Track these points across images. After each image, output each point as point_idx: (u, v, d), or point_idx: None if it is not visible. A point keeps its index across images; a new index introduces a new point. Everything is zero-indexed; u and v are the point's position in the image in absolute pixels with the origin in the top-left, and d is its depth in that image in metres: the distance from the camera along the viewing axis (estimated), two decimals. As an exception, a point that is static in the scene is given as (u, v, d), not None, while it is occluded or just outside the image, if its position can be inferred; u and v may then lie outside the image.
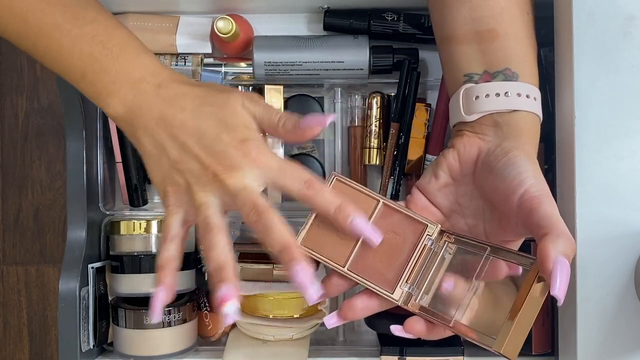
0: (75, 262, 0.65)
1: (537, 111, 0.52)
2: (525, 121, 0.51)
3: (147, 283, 0.67)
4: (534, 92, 0.52)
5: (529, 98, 0.51)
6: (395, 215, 0.52)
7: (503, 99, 0.51)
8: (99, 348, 0.68)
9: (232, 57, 0.74)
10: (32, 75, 0.91)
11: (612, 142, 0.56)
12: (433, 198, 0.53)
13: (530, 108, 0.51)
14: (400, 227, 0.52)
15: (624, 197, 0.56)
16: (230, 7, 0.73)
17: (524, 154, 0.49)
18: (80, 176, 0.67)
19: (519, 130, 0.51)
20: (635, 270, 0.56)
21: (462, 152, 0.52)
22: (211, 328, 0.71)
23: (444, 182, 0.53)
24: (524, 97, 0.51)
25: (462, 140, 0.53)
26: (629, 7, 0.56)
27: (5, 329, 0.93)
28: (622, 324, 0.56)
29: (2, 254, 0.92)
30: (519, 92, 0.51)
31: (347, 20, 0.72)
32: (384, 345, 0.66)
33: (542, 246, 0.44)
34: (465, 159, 0.52)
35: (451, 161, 0.53)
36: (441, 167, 0.53)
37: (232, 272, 0.48)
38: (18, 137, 0.92)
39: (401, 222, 0.52)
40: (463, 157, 0.52)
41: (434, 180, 0.53)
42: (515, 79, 0.52)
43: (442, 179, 0.53)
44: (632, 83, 0.56)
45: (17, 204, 0.92)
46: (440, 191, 0.53)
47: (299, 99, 0.74)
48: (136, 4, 0.71)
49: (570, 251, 0.44)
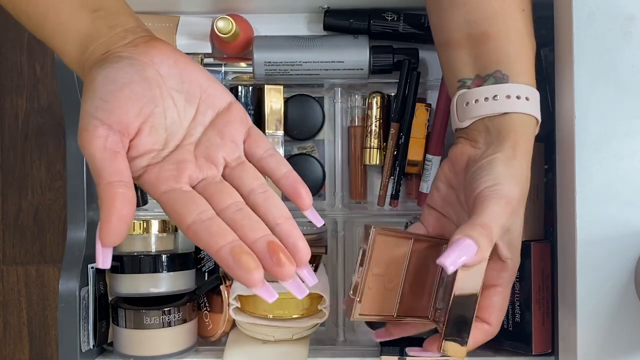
0: (75, 262, 0.65)
1: (529, 111, 0.51)
2: (513, 123, 0.51)
3: (147, 283, 0.67)
4: (526, 91, 0.51)
5: (520, 99, 0.51)
6: (423, 244, 0.54)
7: (492, 103, 0.51)
8: (99, 348, 0.68)
9: (232, 57, 0.74)
10: (32, 75, 0.91)
11: (612, 142, 0.56)
12: (441, 209, 0.54)
13: (521, 109, 0.51)
14: (428, 253, 0.54)
15: (624, 197, 0.56)
16: (230, 7, 0.73)
17: (501, 158, 0.49)
18: (80, 176, 0.67)
19: (506, 133, 0.50)
20: (635, 270, 0.56)
21: (454, 161, 0.53)
22: (211, 328, 0.71)
23: (445, 192, 0.54)
24: (514, 98, 0.51)
25: (456, 149, 0.54)
26: (629, 7, 0.56)
27: (5, 329, 0.93)
28: (622, 324, 0.56)
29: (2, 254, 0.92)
30: (508, 94, 0.51)
31: (347, 20, 0.72)
32: (384, 345, 0.66)
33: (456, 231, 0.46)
34: (457, 167, 0.53)
35: (447, 172, 0.54)
36: (440, 179, 0.54)
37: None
38: (18, 137, 0.92)
39: (427, 248, 0.54)
40: (456, 166, 0.53)
41: (436, 193, 0.55)
42: (506, 81, 0.51)
43: (442, 191, 0.54)
44: (632, 83, 0.56)
45: (17, 204, 0.92)
46: (444, 202, 0.54)
47: (299, 99, 0.74)
48: (136, 4, 0.71)
49: (483, 242, 0.45)
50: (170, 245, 0.69)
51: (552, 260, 0.66)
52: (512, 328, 0.67)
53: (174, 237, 0.70)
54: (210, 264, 0.71)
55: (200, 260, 0.72)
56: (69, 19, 0.45)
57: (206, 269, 0.71)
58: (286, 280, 0.41)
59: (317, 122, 0.74)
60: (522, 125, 0.51)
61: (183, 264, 0.68)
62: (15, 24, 0.51)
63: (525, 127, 0.51)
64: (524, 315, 0.66)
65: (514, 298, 0.66)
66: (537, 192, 0.67)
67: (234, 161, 0.46)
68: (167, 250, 0.69)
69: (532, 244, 0.65)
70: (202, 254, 0.72)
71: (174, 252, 0.69)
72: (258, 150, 0.46)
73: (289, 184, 0.46)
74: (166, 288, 0.67)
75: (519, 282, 0.66)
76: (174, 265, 0.67)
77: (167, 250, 0.69)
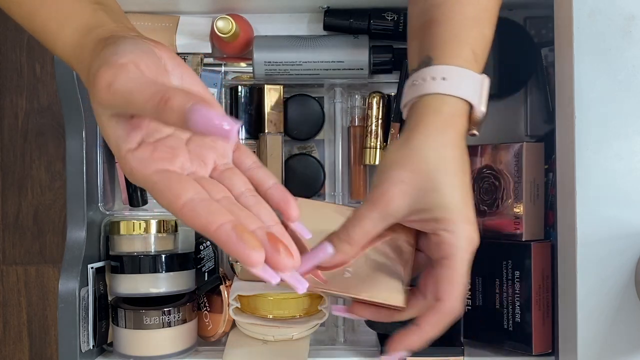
0: (75, 262, 0.65)
1: (442, 90, 0.48)
2: (422, 105, 0.48)
3: (147, 283, 0.67)
4: (445, 71, 0.48)
5: (435, 79, 0.48)
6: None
7: (411, 89, 0.49)
8: (98, 348, 0.68)
9: (232, 57, 0.74)
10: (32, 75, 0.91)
11: (612, 142, 0.56)
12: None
13: (432, 89, 0.48)
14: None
15: (624, 197, 0.56)
16: (230, 7, 0.73)
17: (391, 149, 0.48)
18: (80, 176, 0.67)
19: (417, 117, 0.48)
20: (635, 270, 0.56)
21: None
22: (211, 328, 0.71)
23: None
24: (429, 80, 0.48)
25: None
26: (629, 7, 0.56)
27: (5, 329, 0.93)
28: (622, 324, 0.56)
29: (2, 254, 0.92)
30: (424, 77, 0.48)
31: (347, 20, 0.72)
32: (384, 345, 0.66)
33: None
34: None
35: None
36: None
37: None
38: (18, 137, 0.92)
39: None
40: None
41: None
42: (429, 64, 0.49)
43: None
44: (632, 83, 0.56)
45: (16, 204, 0.92)
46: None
47: (299, 99, 0.74)
48: (136, 3, 0.71)
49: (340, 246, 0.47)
50: (170, 246, 0.69)
51: (552, 260, 0.66)
52: (512, 328, 0.67)
53: (173, 237, 0.70)
54: (210, 264, 0.71)
55: (200, 260, 0.72)
56: (69, 7, 0.45)
57: (206, 269, 0.71)
58: (285, 272, 0.40)
59: (317, 122, 0.74)
60: (431, 105, 0.48)
61: (183, 264, 0.68)
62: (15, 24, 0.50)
63: (438, 105, 0.48)
64: (524, 315, 0.66)
65: (514, 298, 0.66)
66: (537, 192, 0.67)
67: (223, 166, 0.45)
68: (166, 251, 0.69)
69: (532, 244, 0.65)
70: (202, 254, 0.72)
71: (173, 252, 0.69)
72: (247, 160, 0.46)
73: (277, 193, 0.44)
74: (166, 288, 0.67)
75: (519, 282, 0.66)
76: (173, 266, 0.67)
77: (167, 251, 0.69)
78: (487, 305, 0.69)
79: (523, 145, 0.66)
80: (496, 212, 0.69)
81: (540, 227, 0.68)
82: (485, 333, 0.69)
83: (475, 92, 0.48)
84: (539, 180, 0.67)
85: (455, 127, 0.47)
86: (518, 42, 0.69)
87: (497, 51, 0.69)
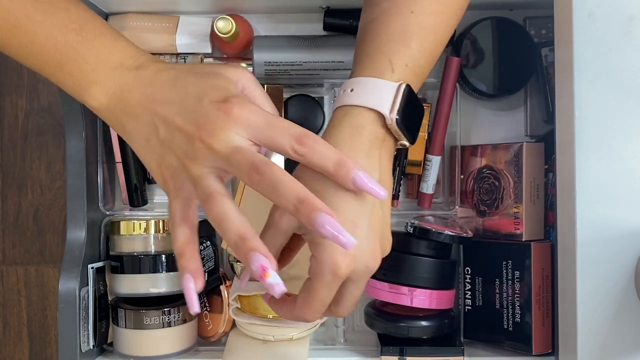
0: (75, 262, 0.65)
1: (348, 102, 0.48)
2: (335, 118, 0.49)
3: (147, 283, 0.67)
4: (354, 83, 0.49)
5: (345, 92, 0.49)
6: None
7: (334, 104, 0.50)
8: (98, 348, 0.68)
9: (232, 57, 0.74)
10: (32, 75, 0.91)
11: (612, 142, 0.56)
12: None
13: (341, 102, 0.49)
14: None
15: (624, 197, 0.56)
16: (230, 7, 0.73)
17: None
18: (80, 176, 0.67)
19: (327, 130, 0.49)
20: (635, 270, 0.56)
21: None
22: (211, 328, 0.71)
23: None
24: (341, 92, 0.49)
25: None
26: (629, 7, 0.56)
27: (5, 329, 0.92)
28: (622, 324, 0.56)
29: (2, 254, 0.92)
30: (340, 91, 0.49)
31: (347, 20, 0.72)
32: (384, 345, 0.66)
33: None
34: None
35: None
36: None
37: (256, 237, 0.42)
38: (18, 137, 0.92)
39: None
40: None
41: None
42: (348, 77, 0.50)
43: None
44: (632, 83, 0.56)
45: (16, 204, 0.92)
46: None
47: (299, 99, 0.73)
48: (136, 3, 0.71)
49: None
50: (170, 246, 0.69)
51: (552, 260, 0.66)
52: (512, 328, 0.67)
53: (173, 237, 0.70)
54: (210, 264, 0.71)
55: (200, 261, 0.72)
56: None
57: (206, 269, 0.71)
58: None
59: (317, 122, 0.74)
60: (338, 117, 0.48)
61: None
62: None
63: (342, 117, 0.48)
64: (524, 315, 0.66)
65: (514, 298, 0.66)
66: (537, 192, 0.67)
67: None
68: (166, 251, 0.68)
69: (532, 244, 0.65)
70: (201, 254, 0.72)
71: (173, 252, 0.69)
72: None
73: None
74: (166, 288, 0.67)
75: (519, 282, 0.66)
76: (173, 266, 0.67)
77: (167, 251, 0.69)
78: (487, 305, 0.69)
79: (523, 145, 0.66)
80: (496, 212, 0.69)
81: (540, 227, 0.68)
82: (485, 333, 0.69)
83: (387, 100, 0.47)
84: (539, 180, 0.67)
85: (361, 137, 0.47)
86: (518, 42, 0.69)
87: (497, 51, 0.69)
